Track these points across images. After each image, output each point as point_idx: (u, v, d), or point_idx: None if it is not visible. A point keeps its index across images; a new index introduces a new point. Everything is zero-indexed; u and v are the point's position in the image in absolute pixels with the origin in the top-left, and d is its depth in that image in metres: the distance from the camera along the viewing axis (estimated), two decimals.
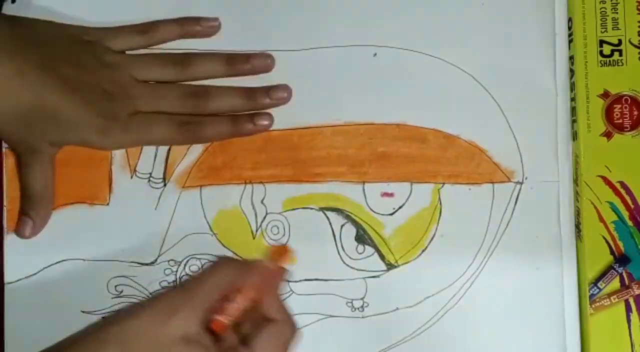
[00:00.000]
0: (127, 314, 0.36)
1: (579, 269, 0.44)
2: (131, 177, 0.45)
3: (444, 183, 0.45)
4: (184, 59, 0.44)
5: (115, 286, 0.45)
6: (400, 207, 0.45)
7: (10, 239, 0.45)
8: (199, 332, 0.35)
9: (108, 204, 0.45)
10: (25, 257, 0.45)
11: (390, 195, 0.45)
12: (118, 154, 0.45)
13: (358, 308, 0.45)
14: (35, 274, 0.45)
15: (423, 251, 0.45)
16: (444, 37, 0.45)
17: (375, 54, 0.43)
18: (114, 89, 0.42)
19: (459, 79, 0.45)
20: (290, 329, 0.38)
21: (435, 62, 0.45)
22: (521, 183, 0.45)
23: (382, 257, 0.45)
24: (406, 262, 0.45)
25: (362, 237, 0.45)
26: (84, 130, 0.42)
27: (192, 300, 0.35)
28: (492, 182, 0.45)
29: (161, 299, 0.36)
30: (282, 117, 0.45)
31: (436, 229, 0.45)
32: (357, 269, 0.45)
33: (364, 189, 0.45)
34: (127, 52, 0.44)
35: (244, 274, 0.37)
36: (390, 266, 0.45)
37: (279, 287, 0.39)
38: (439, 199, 0.45)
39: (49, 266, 0.45)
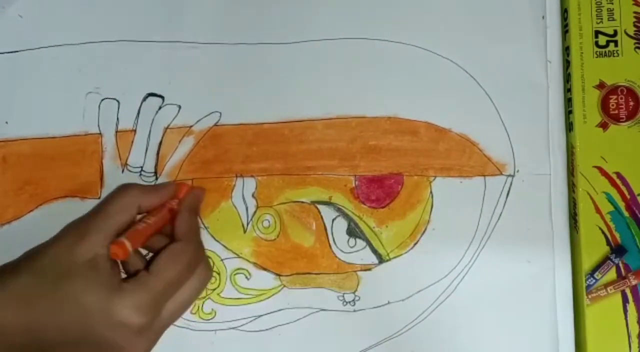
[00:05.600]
0: (42, 243, 0.34)
1: (575, 260, 0.40)
2: (122, 171, 0.41)
3: (435, 176, 0.40)
4: None
5: None
6: (391, 201, 0.40)
7: (0, 232, 0.41)
8: (107, 257, 0.32)
9: (99, 198, 0.41)
10: (17, 250, 0.40)
11: (382, 188, 0.40)
12: (109, 148, 0.41)
13: (349, 302, 0.40)
14: None
15: (415, 244, 0.41)
16: (435, 29, 0.41)
17: None
18: None
19: (451, 72, 0.41)
20: (193, 248, 0.34)
21: (426, 54, 0.41)
22: (513, 176, 0.40)
23: (373, 250, 0.41)
24: (398, 256, 0.41)
25: (353, 231, 0.40)
26: None
27: (100, 223, 0.33)
28: (484, 175, 0.40)
29: (71, 226, 0.34)
30: (273, 111, 0.41)
31: (428, 222, 0.41)
32: (348, 263, 0.41)
33: (355, 182, 0.40)
34: None
35: (151, 194, 0.35)
36: (381, 260, 0.41)
37: (194, 208, 0.36)
38: (431, 192, 0.40)
39: None
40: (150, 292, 0.32)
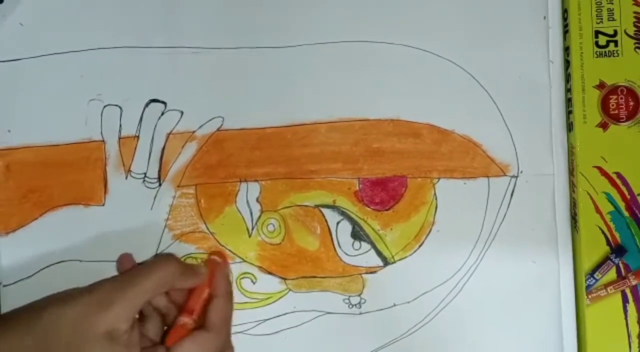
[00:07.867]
0: (61, 301, 0.31)
1: (575, 260, 0.40)
2: (126, 177, 0.41)
3: (439, 178, 0.40)
4: None
5: None
6: (395, 203, 0.39)
7: (6, 240, 0.40)
8: (127, 330, 0.30)
9: (103, 205, 0.41)
10: (22, 259, 0.41)
11: (386, 191, 0.39)
12: (112, 155, 0.41)
13: (355, 305, 0.40)
14: (32, 275, 0.41)
15: (419, 246, 0.40)
16: (436, 31, 0.41)
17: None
18: None
19: (453, 74, 0.41)
20: (223, 340, 0.33)
21: (427, 56, 0.41)
22: (516, 177, 0.40)
23: (378, 253, 0.40)
24: (403, 258, 0.40)
25: (358, 234, 0.40)
26: None
27: (130, 296, 0.31)
28: (487, 176, 0.40)
29: (98, 291, 0.31)
30: (276, 115, 0.41)
31: (432, 224, 0.40)
32: (353, 266, 0.40)
33: (359, 185, 0.39)
34: None
35: (189, 278, 0.33)
36: (386, 262, 0.41)
37: (228, 291, 0.34)
38: (435, 194, 0.40)
39: (45, 267, 0.41)
40: None
